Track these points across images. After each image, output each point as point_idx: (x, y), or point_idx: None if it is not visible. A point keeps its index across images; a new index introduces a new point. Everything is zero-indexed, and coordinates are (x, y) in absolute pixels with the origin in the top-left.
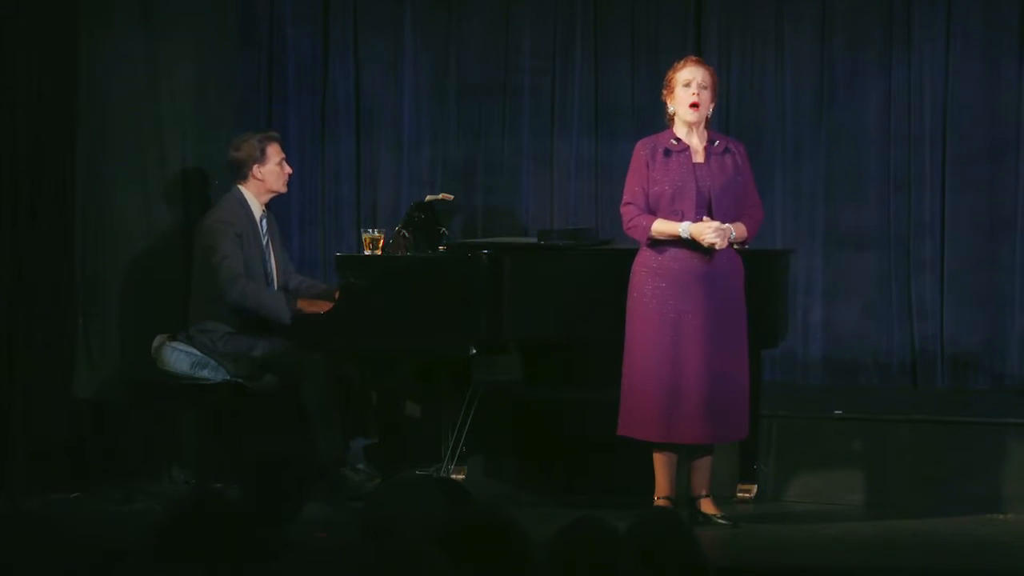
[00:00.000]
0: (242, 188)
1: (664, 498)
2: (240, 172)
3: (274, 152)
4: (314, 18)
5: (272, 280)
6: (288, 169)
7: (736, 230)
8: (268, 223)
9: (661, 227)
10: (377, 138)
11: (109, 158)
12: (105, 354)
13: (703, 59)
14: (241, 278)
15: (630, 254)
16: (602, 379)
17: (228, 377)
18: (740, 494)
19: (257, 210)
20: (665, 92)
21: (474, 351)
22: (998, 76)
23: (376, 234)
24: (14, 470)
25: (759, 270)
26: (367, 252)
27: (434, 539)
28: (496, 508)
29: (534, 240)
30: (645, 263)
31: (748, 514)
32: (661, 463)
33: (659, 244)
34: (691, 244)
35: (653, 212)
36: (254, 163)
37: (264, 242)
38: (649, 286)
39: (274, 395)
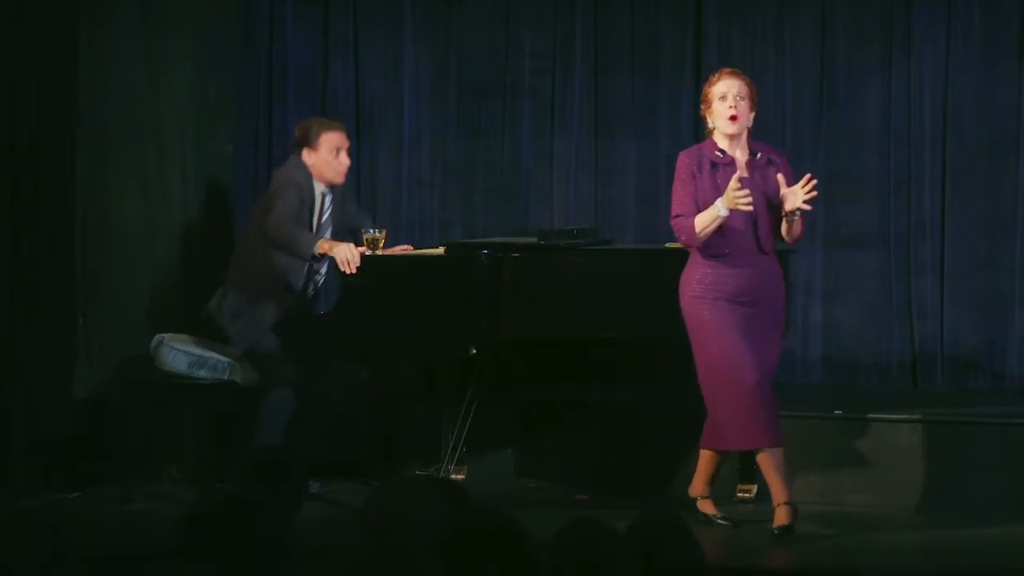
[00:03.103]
0: (305, 161)
1: (702, 498)
2: (296, 151)
3: (327, 140)
4: (314, 18)
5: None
6: (346, 161)
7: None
8: (334, 203)
9: (703, 220)
10: (377, 138)
11: (109, 158)
12: (105, 354)
13: (739, 71)
14: (289, 222)
15: (630, 254)
16: (602, 378)
17: (225, 377)
18: (740, 494)
19: (319, 187)
20: (703, 107)
21: (474, 351)
22: (998, 76)
23: (376, 234)
24: (14, 470)
25: None
26: (367, 252)
27: (434, 540)
28: (496, 508)
29: (534, 240)
30: (698, 279)
31: (748, 514)
32: (707, 462)
33: (708, 256)
34: (742, 254)
35: None
36: (304, 146)
37: (323, 218)
38: (706, 303)
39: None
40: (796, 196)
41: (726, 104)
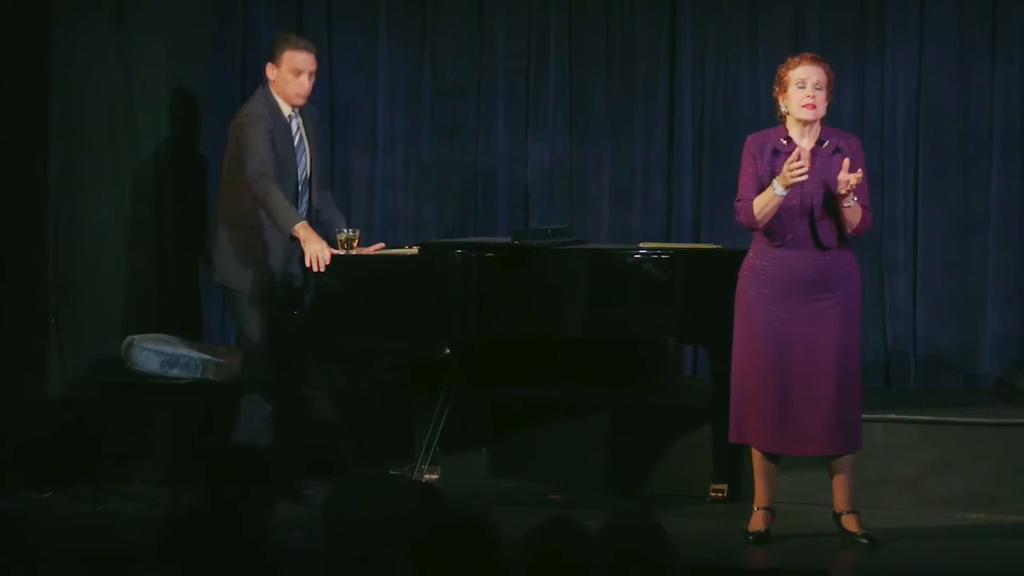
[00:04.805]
0: (269, 86)
1: (763, 509)
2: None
3: (289, 59)
4: (288, 18)
5: (304, 179)
6: (306, 84)
7: (853, 212)
8: (302, 122)
9: (760, 201)
10: (351, 138)
11: (82, 158)
12: (77, 354)
13: (819, 56)
14: (268, 176)
15: (604, 253)
16: (576, 379)
17: (198, 375)
18: (713, 493)
19: (285, 108)
20: (777, 90)
21: (448, 351)
22: (971, 76)
23: (350, 234)
24: None
25: (735, 270)
26: (341, 252)
27: (404, 539)
28: (469, 508)
29: (508, 240)
30: (751, 267)
31: (721, 513)
32: (759, 473)
33: (765, 245)
34: (799, 246)
35: None
36: (268, 61)
37: (295, 140)
38: (752, 291)
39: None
40: (847, 181)
41: (804, 92)
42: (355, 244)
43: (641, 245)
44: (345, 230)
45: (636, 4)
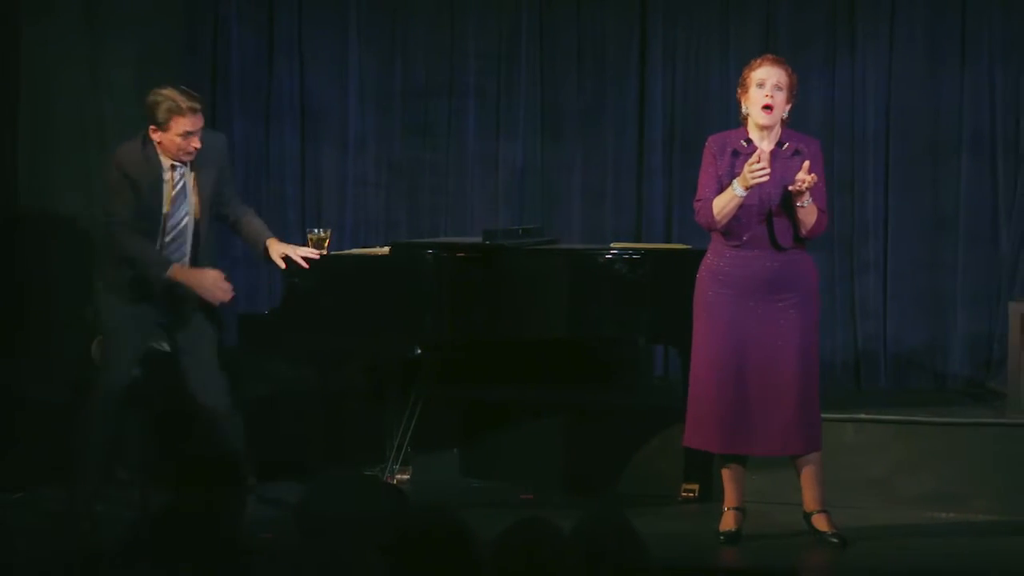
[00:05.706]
0: (153, 141)
1: (733, 509)
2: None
3: (178, 124)
4: (259, 18)
5: (183, 226)
6: (195, 144)
7: (808, 212)
8: (189, 173)
9: (719, 202)
10: (322, 138)
11: (51, 159)
12: (48, 354)
13: (782, 59)
14: (115, 222)
15: (576, 253)
16: (547, 378)
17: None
18: (684, 493)
19: (166, 161)
20: (739, 90)
21: (419, 351)
22: (941, 77)
23: (321, 234)
24: None
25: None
26: (312, 252)
27: (377, 541)
28: (441, 509)
29: (479, 240)
30: (709, 267)
31: (692, 513)
32: (727, 474)
33: (722, 247)
34: (757, 247)
35: None
36: (151, 123)
37: (176, 190)
38: (711, 292)
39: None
40: (803, 180)
41: (762, 92)
42: (326, 244)
43: (612, 245)
44: (316, 230)
45: (607, 4)
